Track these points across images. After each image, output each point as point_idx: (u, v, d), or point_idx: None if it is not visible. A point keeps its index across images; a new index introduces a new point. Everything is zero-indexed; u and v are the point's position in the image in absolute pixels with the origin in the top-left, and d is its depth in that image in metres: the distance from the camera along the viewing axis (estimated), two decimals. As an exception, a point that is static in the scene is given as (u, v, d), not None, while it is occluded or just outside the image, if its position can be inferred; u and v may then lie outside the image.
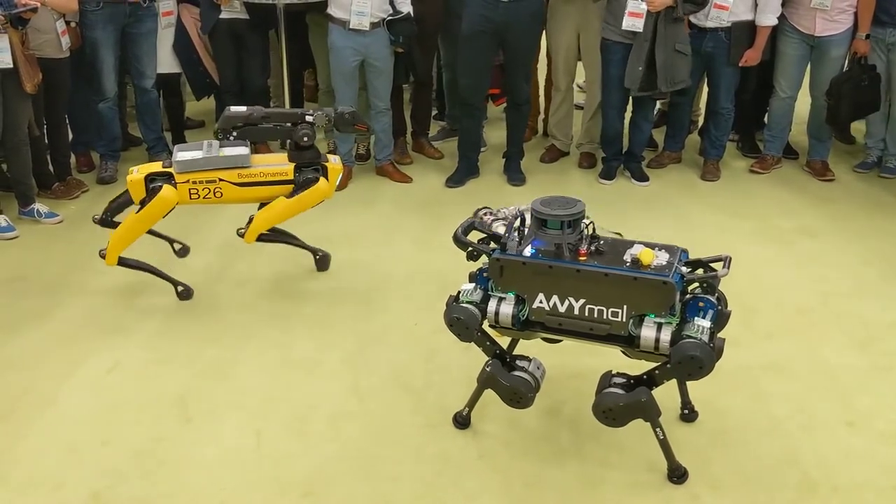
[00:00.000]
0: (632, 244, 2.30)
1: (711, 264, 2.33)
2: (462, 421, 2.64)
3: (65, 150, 4.77)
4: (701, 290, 2.30)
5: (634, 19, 4.37)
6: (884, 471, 2.44)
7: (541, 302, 2.29)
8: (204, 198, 3.25)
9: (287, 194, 3.28)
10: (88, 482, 2.42)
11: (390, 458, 2.52)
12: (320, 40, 4.84)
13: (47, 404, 2.79)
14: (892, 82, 4.67)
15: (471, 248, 2.43)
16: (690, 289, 2.30)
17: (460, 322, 2.37)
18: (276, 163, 3.31)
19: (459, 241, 2.45)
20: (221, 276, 3.71)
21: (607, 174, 4.94)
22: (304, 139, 3.25)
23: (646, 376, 2.30)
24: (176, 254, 3.67)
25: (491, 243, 2.45)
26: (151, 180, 3.22)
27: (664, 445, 2.34)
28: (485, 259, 2.42)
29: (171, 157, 3.26)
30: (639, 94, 4.59)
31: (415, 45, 4.66)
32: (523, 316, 2.34)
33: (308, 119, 3.28)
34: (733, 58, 4.66)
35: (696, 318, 2.21)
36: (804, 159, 5.12)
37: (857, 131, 5.54)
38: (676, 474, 2.38)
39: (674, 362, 2.17)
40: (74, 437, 2.61)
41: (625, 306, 2.21)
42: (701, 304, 2.25)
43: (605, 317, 2.24)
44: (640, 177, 4.90)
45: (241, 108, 3.32)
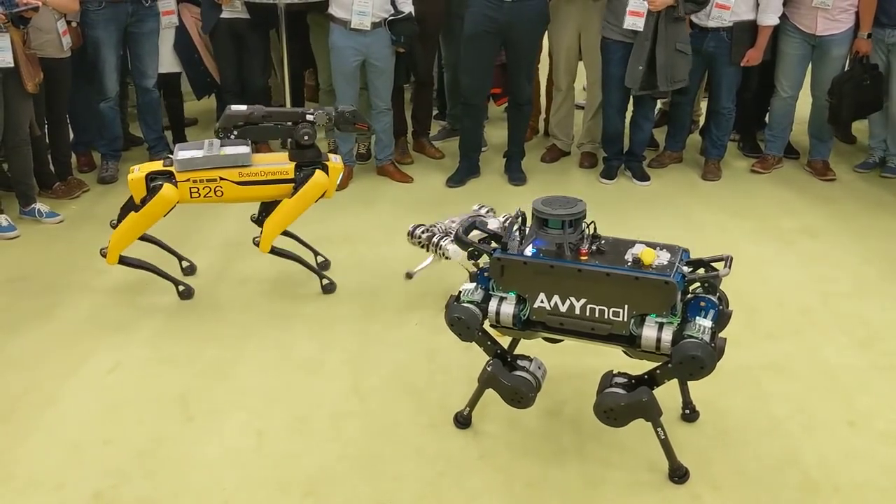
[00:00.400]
0: (633, 244, 2.30)
1: (713, 264, 2.33)
2: (463, 421, 2.64)
3: (66, 149, 4.77)
4: (702, 289, 2.29)
5: (635, 18, 4.37)
6: (884, 471, 2.44)
7: (542, 301, 2.29)
8: (205, 197, 3.25)
9: (289, 195, 3.28)
10: (90, 482, 2.42)
11: (391, 457, 2.52)
12: (321, 40, 4.84)
13: (48, 404, 2.79)
14: (892, 83, 4.66)
15: (472, 248, 2.43)
16: (692, 288, 2.30)
17: (461, 322, 2.37)
18: (277, 162, 3.31)
19: (461, 240, 2.45)
20: (223, 276, 3.71)
21: (608, 174, 4.94)
22: (305, 138, 3.25)
23: (647, 376, 2.30)
24: (183, 271, 3.67)
25: (492, 243, 2.45)
26: (152, 179, 3.21)
27: (665, 445, 2.34)
28: (486, 258, 2.42)
29: (171, 156, 3.26)
30: (639, 94, 4.60)
31: (416, 44, 4.66)
32: (524, 316, 2.34)
33: (309, 118, 3.27)
34: (735, 57, 4.66)
35: (697, 318, 2.21)
36: (805, 159, 5.12)
37: (858, 131, 5.54)
38: (678, 474, 2.38)
39: (675, 362, 2.17)
40: (76, 437, 2.61)
41: (626, 306, 2.21)
42: (702, 304, 2.25)
43: (606, 316, 2.24)
44: (641, 176, 4.91)
45: (241, 107, 3.32)
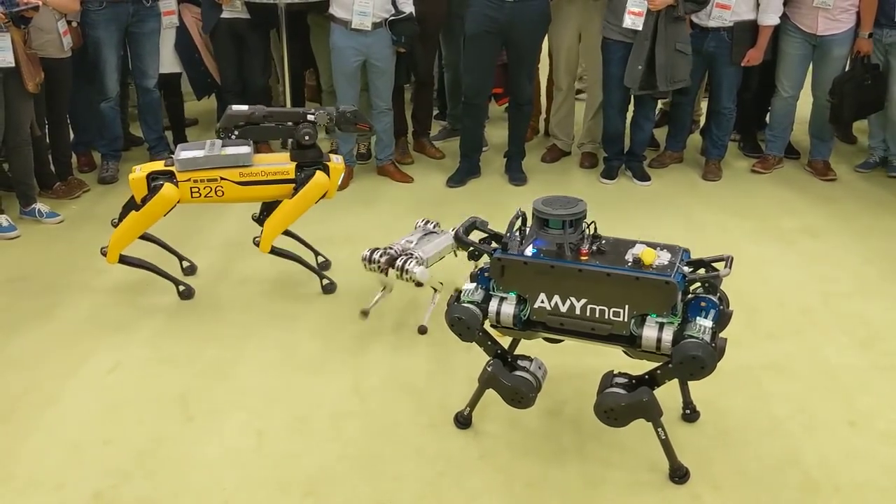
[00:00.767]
0: (633, 244, 2.29)
1: (713, 264, 2.33)
2: (463, 421, 2.63)
3: (66, 149, 4.77)
4: (703, 289, 2.29)
5: (635, 17, 4.35)
6: (885, 471, 2.44)
7: (542, 302, 2.29)
8: (205, 196, 3.25)
9: (289, 195, 3.28)
10: (90, 482, 2.42)
11: (392, 457, 2.51)
12: (322, 42, 4.84)
13: (49, 404, 2.79)
14: (891, 83, 4.65)
15: (472, 248, 2.43)
16: (692, 288, 2.30)
17: (462, 322, 2.37)
18: (278, 162, 3.31)
19: (461, 240, 2.45)
20: (223, 276, 3.71)
21: (609, 174, 4.94)
22: (306, 138, 3.25)
23: (647, 376, 2.29)
24: (183, 271, 3.67)
25: (492, 243, 2.45)
26: (153, 179, 3.22)
27: (666, 445, 2.34)
28: (486, 259, 2.42)
29: (172, 156, 3.26)
30: (639, 94, 4.59)
31: (417, 44, 4.66)
32: (525, 316, 2.33)
33: (310, 118, 3.27)
34: (735, 57, 4.66)
35: (697, 318, 2.21)
36: (806, 159, 5.11)
37: (859, 131, 5.54)
38: (678, 474, 2.38)
39: (675, 362, 2.17)
40: (76, 437, 2.61)
41: (626, 306, 2.21)
42: (703, 304, 2.25)
43: (606, 317, 2.24)
44: (641, 176, 4.90)
45: (242, 107, 3.32)
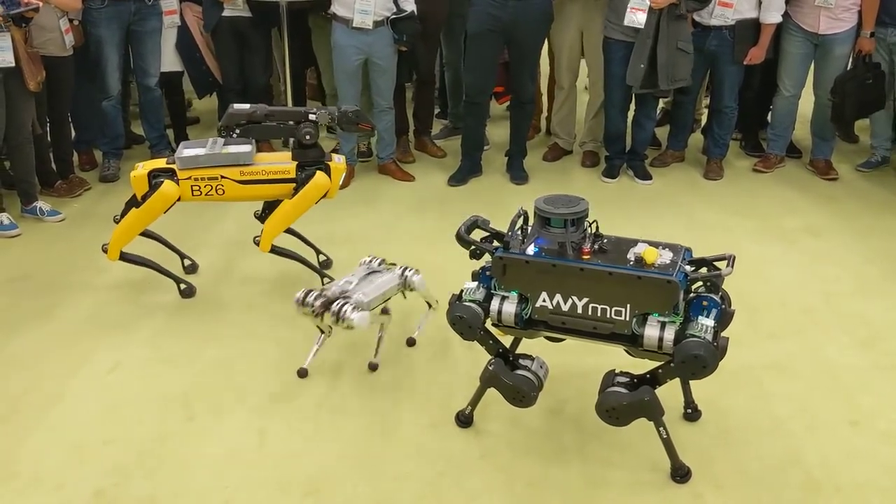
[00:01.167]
0: (635, 243, 2.29)
1: (715, 263, 2.32)
2: (465, 420, 2.63)
3: (67, 148, 4.77)
4: (705, 288, 2.29)
5: (636, 14, 4.34)
6: (886, 470, 2.44)
7: (544, 301, 2.29)
8: (206, 195, 3.25)
9: (290, 195, 3.27)
10: (91, 481, 2.41)
11: (393, 457, 2.51)
12: (323, 43, 4.83)
13: (50, 403, 2.78)
14: (896, 82, 4.66)
15: (474, 247, 2.43)
16: (694, 288, 2.29)
17: (463, 321, 2.36)
18: (279, 161, 3.30)
19: (462, 239, 2.45)
20: (224, 275, 3.71)
21: (610, 173, 4.93)
22: (307, 137, 3.24)
23: (649, 375, 2.29)
24: (184, 269, 3.67)
25: (494, 241, 2.45)
26: (155, 176, 3.22)
27: (667, 445, 2.33)
28: (488, 258, 2.41)
29: (174, 155, 3.26)
30: (641, 92, 4.59)
31: (418, 43, 4.66)
32: (526, 315, 2.33)
33: (311, 118, 3.27)
34: (737, 56, 4.65)
35: (699, 317, 2.20)
36: (807, 158, 5.10)
37: (860, 130, 5.53)
38: (680, 474, 2.38)
39: (677, 361, 2.16)
40: (77, 436, 2.61)
41: (628, 305, 2.20)
42: (704, 303, 2.25)
43: (608, 316, 2.23)
44: (643, 175, 4.90)
45: (244, 106, 3.31)
